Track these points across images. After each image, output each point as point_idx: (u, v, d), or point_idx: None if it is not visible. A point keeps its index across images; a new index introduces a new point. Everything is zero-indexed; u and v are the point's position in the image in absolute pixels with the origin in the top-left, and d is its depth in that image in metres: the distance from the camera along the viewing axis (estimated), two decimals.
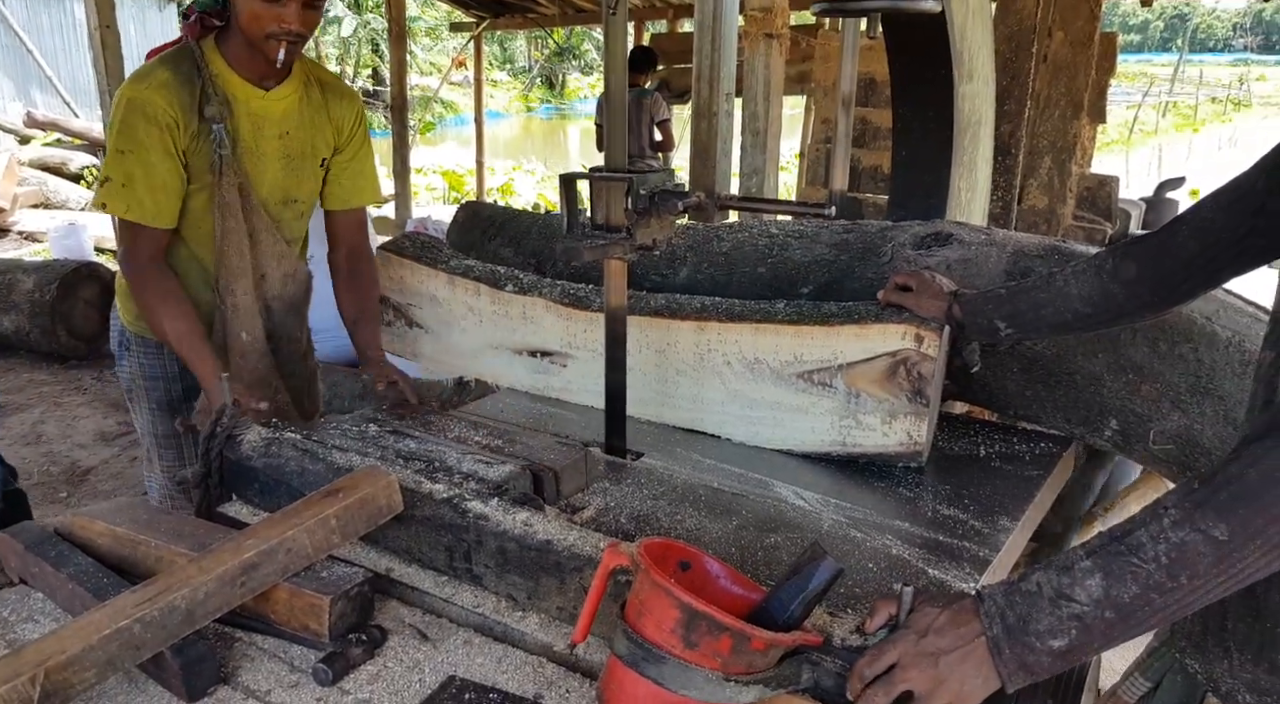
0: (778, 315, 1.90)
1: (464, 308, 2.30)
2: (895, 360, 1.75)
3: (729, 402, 1.97)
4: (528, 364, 2.24)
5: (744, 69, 4.03)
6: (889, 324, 1.76)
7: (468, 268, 2.31)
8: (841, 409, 1.83)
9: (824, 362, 1.83)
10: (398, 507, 1.39)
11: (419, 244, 2.44)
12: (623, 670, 1.02)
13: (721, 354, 1.95)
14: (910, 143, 2.75)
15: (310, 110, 2.17)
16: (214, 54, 2.03)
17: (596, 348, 2.05)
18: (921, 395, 1.74)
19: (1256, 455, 0.89)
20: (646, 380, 2.06)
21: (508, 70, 32.80)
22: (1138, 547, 0.91)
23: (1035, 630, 0.94)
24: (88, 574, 1.27)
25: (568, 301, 2.14)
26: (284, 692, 1.15)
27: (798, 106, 8.06)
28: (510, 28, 11.33)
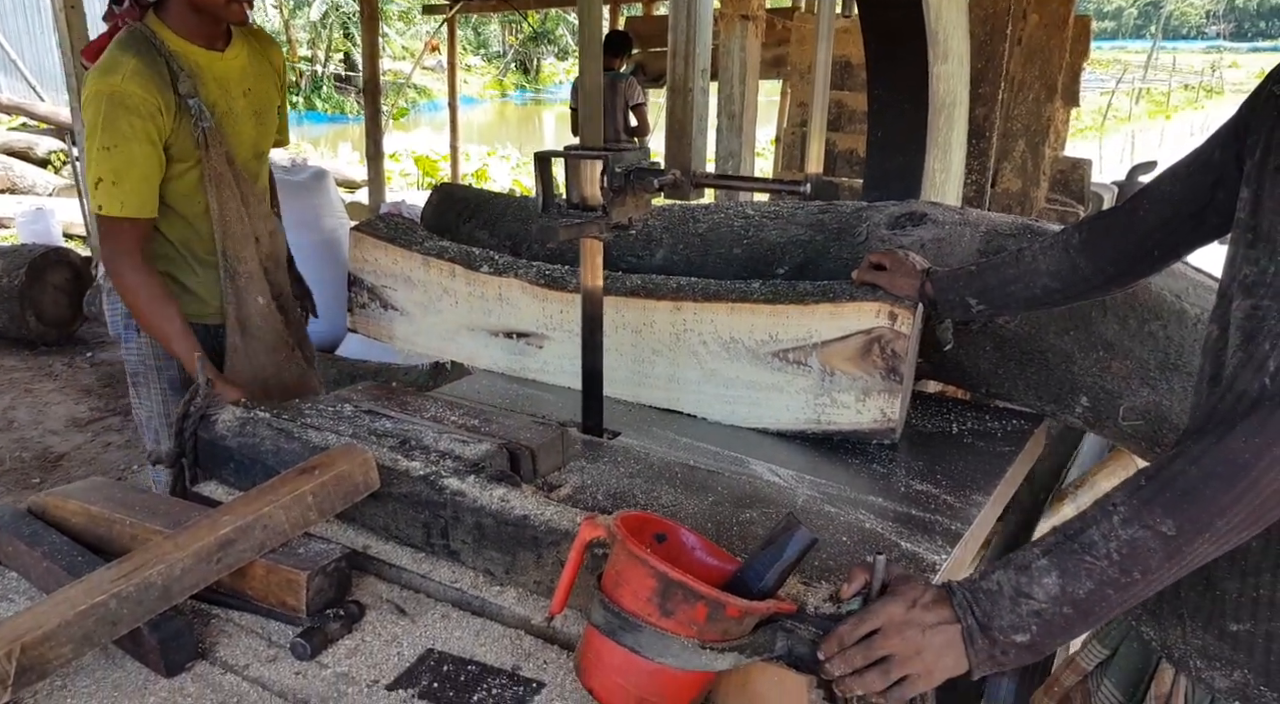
0: (753, 295, 1.91)
1: (439, 289, 2.29)
2: (869, 338, 1.77)
3: (705, 381, 1.98)
4: (504, 345, 2.23)
5: (720, 51, 4.03)
6: (863, 302, 1.77)
7: (443, 249, 2.31)
8: (817, 387, 1.85)
9: (799, 340, 1.84)
10: (374, 484, 1.39)
11: (393, 225, 2.42)
12: (600, 640, 1.03)
13: (698, 334, 1.96)
14: (885, 124, 2.76)
15: (257, 62, 2.20)
16: (163, 30, 2.01)
17: (573, 328, 2.06)
18: (895, 373, 1.76)
19: (1199, 451, 0.92)
20: (623, 360, 2.06)
21: (482, 55, 32.56)
22: (1090, 545, 0.94)
23: (999, 626, 0.97)
24: (62, 552, 1.27)
25: (543, 282, 2.14)
26: (262, 666, 1.15)
27: (775, 94, 8.06)
28: (484, 11, 11.26)
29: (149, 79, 1.94)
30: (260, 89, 2.20)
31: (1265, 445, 0.89)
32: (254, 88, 2.17)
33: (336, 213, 5.93)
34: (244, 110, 2.15)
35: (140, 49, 1.97)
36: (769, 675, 1.08)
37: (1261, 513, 0.92)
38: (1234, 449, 0.90)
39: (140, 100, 1.92)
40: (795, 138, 5.44)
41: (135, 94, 1.92)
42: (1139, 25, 72.22)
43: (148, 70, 1.94)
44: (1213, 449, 0.92)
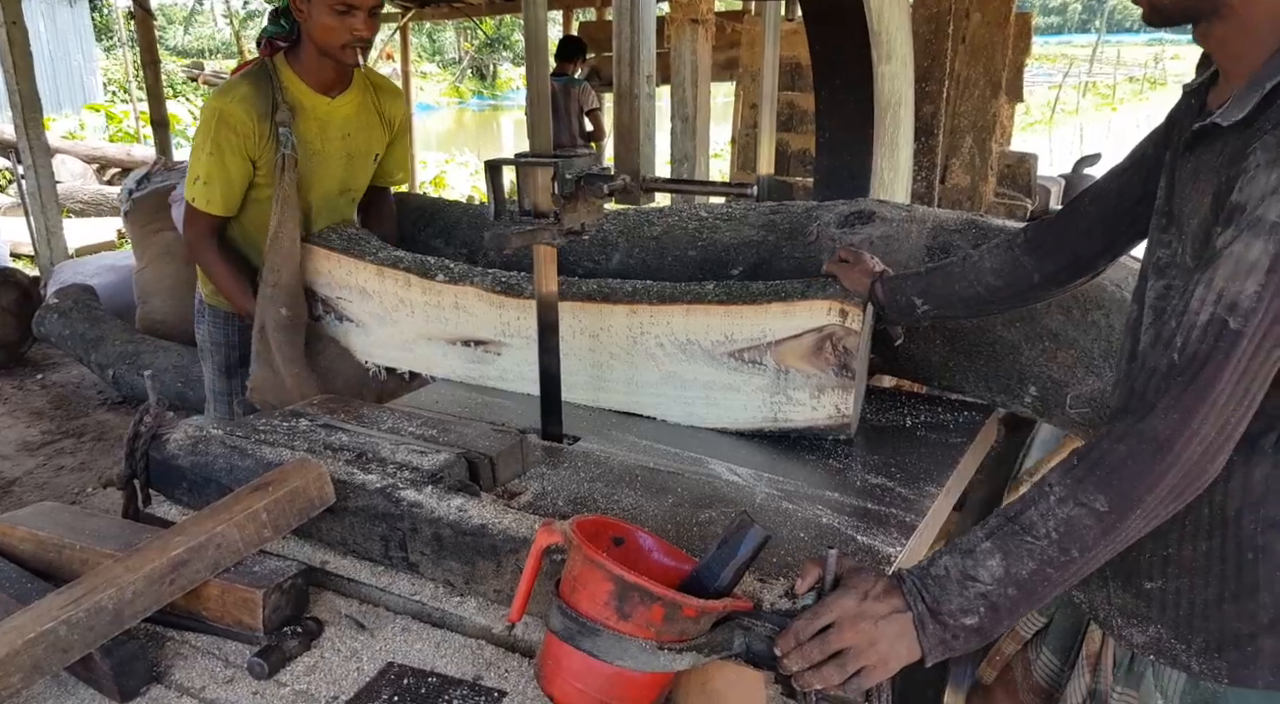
0: (708, 296, 1.92)
1: (395, 299, 2.28)
2: (821, 336, 1.79)
3: (663, 383, 1.99)
4: (462, 354, 2.23)
5: (671, 55, 4.05)
6: (815, 301, 1.80)
7: (397, 258, 2.29)
8: (772, 386, 1.86)
9: (754, 340, 1.86)
10: (330, 498, 1.38)
11: (346, 237, 2.40)
12: (559, 646, 1.04)
13: (654, 336, 1.97)
14: (833, 125, 2.79)
15: (367, 114, 2.47)
16: (285, 68, 2.35)
17: (531, 335, 2.05)
18: (847, 369, 1.78)
19: (1123, 429, 0.97)
20: (581, 365, 2.07)
21: (437, 62, 32.39)
22: (1030, 526, 0.98)
23: (948, 610, 1.00)
24: (10, 580, 1.24)
25: (500, 289, 2.13)
26: (219, 687, 1.14)
27: (731, 95, 8.11)
28: (437, 18, 11.20)
29: (252, 104, 2.26)
30: (361, 137, 2.46)
31: (1181, 422, 0.94)
32: (354, 134, 2.44)
33: None
34: (337, 152, 2.42)
35: (255, 79, 2.31)
36: (728, 673, 1.09)
37: (1185, 486, 0.96)
38: (1154, 427, 0.95)
39: (239, 121, 2.25)
40: (749, 139, 5.47)
41: (237, 115, 2.25)
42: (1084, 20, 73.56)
43: (254, 97, 2.27)
44: (1135, 427, 0.96)
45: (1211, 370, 0.93)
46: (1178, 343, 0.95)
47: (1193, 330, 0.94)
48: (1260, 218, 0.91)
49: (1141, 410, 0.96)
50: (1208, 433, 0.94)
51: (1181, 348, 0.94)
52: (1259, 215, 0.91)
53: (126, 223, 5.20)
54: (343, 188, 2.50)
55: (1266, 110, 0.96)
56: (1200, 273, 0.96)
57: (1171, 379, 0.94)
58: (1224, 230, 0.95)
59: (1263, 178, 0.92)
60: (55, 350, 5.44)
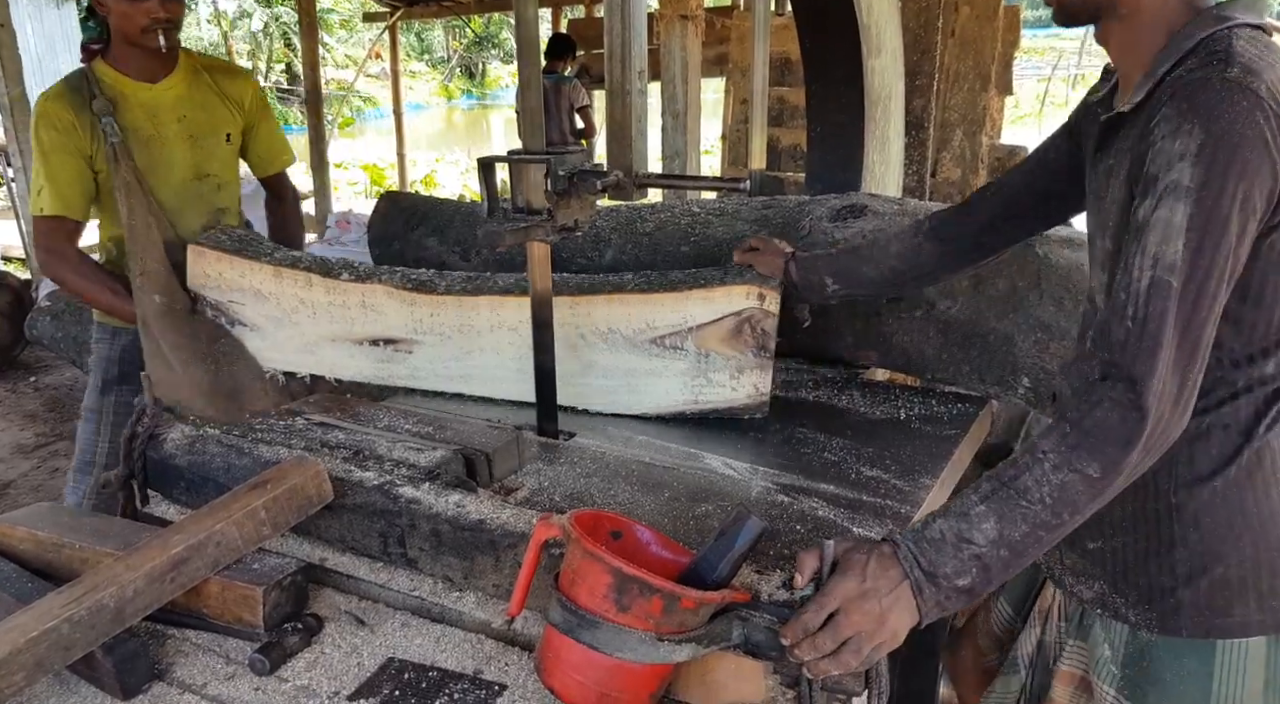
0: (628, 286, 1.96)
1: (295, 301, 2.19)
2: (740, 319, 1.85)
3: (585, 373, 2.01)
4: (370, 353, 2.17)
5: (661, 52, 4.06)
6: (733, 285, 1.86)
7: (296, 258, 2.22)
8: (693, 369, 1.91)
9: (675, 326, 1.90)
10: (328, 495, 1.39)
11: (238, 238, 2.31)
12: (559, 638, 1.05)
13: (576, 328, 1.99)
14: (824, 119, 2.80)
15: (202, 93, 2.46)
16: (102, 66, 2.37)
17: (443, 332, 2.08)
18: (765, 350, 1.85)
19: (1108, 396, 1.02)
20: (503, 360, 2.07)
21: (426, 61, 32.29)
22: (1025, 490, 1.03)
23: (944, 573, 1.03)
24: (10, 580, 1.25)
25: (410, 287, 2.10)
26: (221, 684, 1.15)
27: (721, 91, 8.12)
28: (425, 17, 11.19)
29: (67, 100, 2.28)
30: (199, 116, 2.45)
31: (1149, 381, 1.00)
32: (190, 115, 2.43)
33: None
34: (175, 135, 2.40)
35: (70, 79, 2.33)
36: (727, 664, 1.10)
37: (1161, 441, 1.03)
38: (1131, 391, 1.01)
39: (56, 116, 2.27)
40: (740, 135, 5.48)
41: (53, 111, 2.27)
42: None
43: (69, 94, 2.29)
44: (1116, 395, 1.02)
45: (1162, 327, 1.00)
46: (1129, 311, 1.02)
47: (1139, 296, 1.02)
48: (1176, 183, 1.00)
49: (1116, 377, 1.02)
50: (1172, 387, 1.01)
51: (1133, 315, 1.02)
52: (1174, 181, 1.00)
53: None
54: (198, 173, 2.46)
55: (1157, 92, 1.08)
56: (1134, 243, 1.04)
57: (1131, 344, 1.02)
58: (1143, 201, 1.04)
59: (1168, 147, 1.01)
60: (48, 353, 5.42)
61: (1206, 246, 0.99)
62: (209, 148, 2.48)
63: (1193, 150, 0.99)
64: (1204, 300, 1.01)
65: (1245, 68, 1.01)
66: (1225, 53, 1.03)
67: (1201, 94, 1.01)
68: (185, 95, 2.42)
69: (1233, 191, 0.99)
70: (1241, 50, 1.03)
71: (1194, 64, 1.05)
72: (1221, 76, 1.01)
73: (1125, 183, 1.13)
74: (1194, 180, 0.99)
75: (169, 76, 2.40)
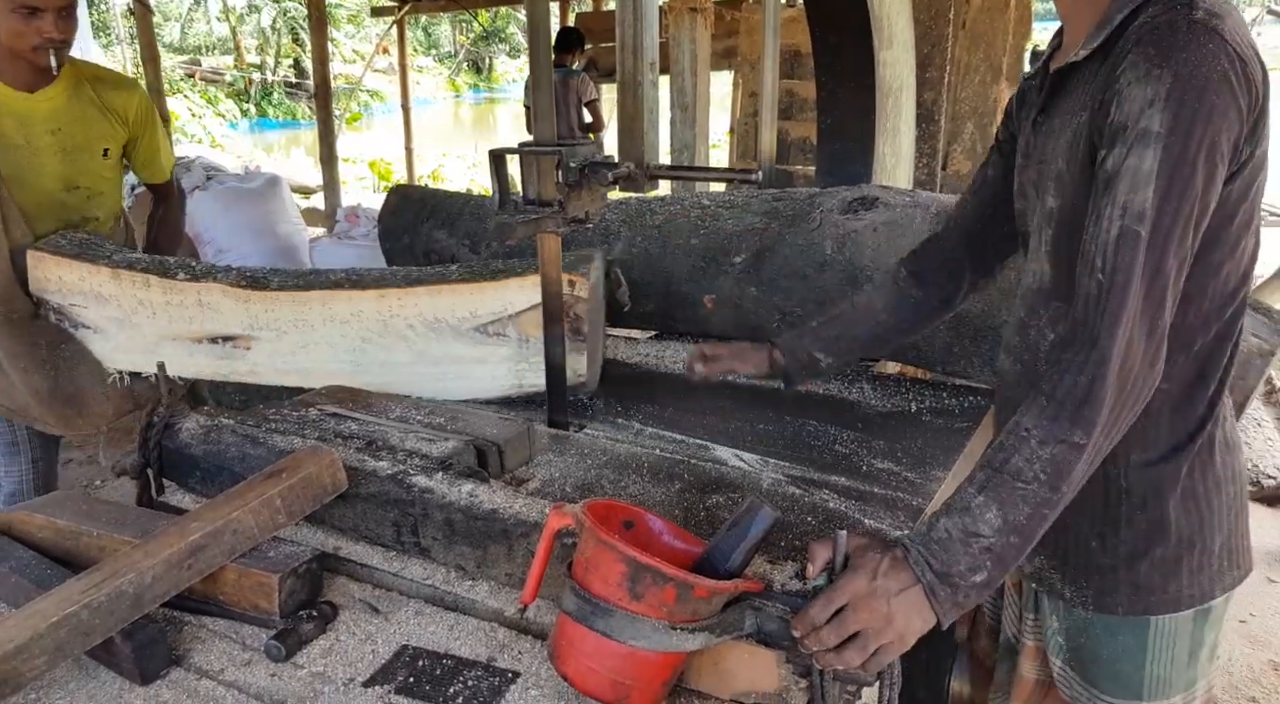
0: (451, 276, 2.02)
1: (134, 302, 2.23)
2: None
3: (416, 362, 2.06)
4: (209, 351, 2.21)
5: (670, 44, 4.05)
6: None
7: (134, 260, 2.26)
8: (516, 355, 1.99)
9: (496, 313, 1.98)
10: (342, 484, 1.40)
11: (77, 242, 2.33)
12: (572, 626, 1.05)
13: (404, 318, 2.04)
14: (834, 111, 2.80)
15: (81, 106, 2.41)
16: None
17: (279, 327, 2.13)
18: (580, 333, 1.93)
19: (1081, 359, 1.01)
20: (335, 352, 2.12)
21: (433, 56, 32.31)
22: (1018, 472, 1.02)
23: (959, 572, 1.02)
24: (30, 567, 1.26)
25: (245, 284, 2.14)
26: (237, 670, 1.16)
27: (729, 84, 8.10)
28: (433, 11, 11.19)
29: None
30: (76, 129, 2.41)
31: (1120, 333, 0.99)
32: (65, 128, 2.38)
33: (292, 219, 5.88)
34: (47, 146, 2.36)
35: None
36: (739, 653, 1.11)
37: (1137, 395, 1.03)
38: (1103, 348, 1.00)
39: None
40: (749, 128, 5.48)
41: None
42: None
43: None
44: (1089, 355, 1.01)
45: (1130, 279, 0.99)
46: (1099, 264, 1.01)
47: (1108, 246, 1.00)
48: (1145, 130, 0.98)
49: (1087, 336, 1.01)
50: (1140, 338, 1.00)
51: (1102, 267, 1.01)
52: (1144, 128, 0.98)
53: (129, 217, 5.20)
54: (67, 185, 2.42)
55: (1118, 40, 1.05)
56: (1105, 195, 1.02)
57: (1102, 298, 1.00)
58: (1112, 150, 1.01)
59: (1138, 93, 0.99)
60: None
61: (1173, 192, 0.98)
62: (82, 162, 2.44)
63: (1161, 95, 0.97)
64: (1171, 247, 0.99)
65: (1209, 10, 1.00)
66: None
67: (1169, 37, 0.99)
68: (62, 107, 2.38)
69: (1200, 136, 0.98)
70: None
71: (1157, 10, 1.03)
72: (1188, 19, 1.00)
73: (1081, 132, 1.10)
74: (1163, 125, 0.97)
75: (48, 88, 2.36)
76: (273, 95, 24.14)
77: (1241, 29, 1.02)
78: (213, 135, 18.85)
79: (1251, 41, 1.02)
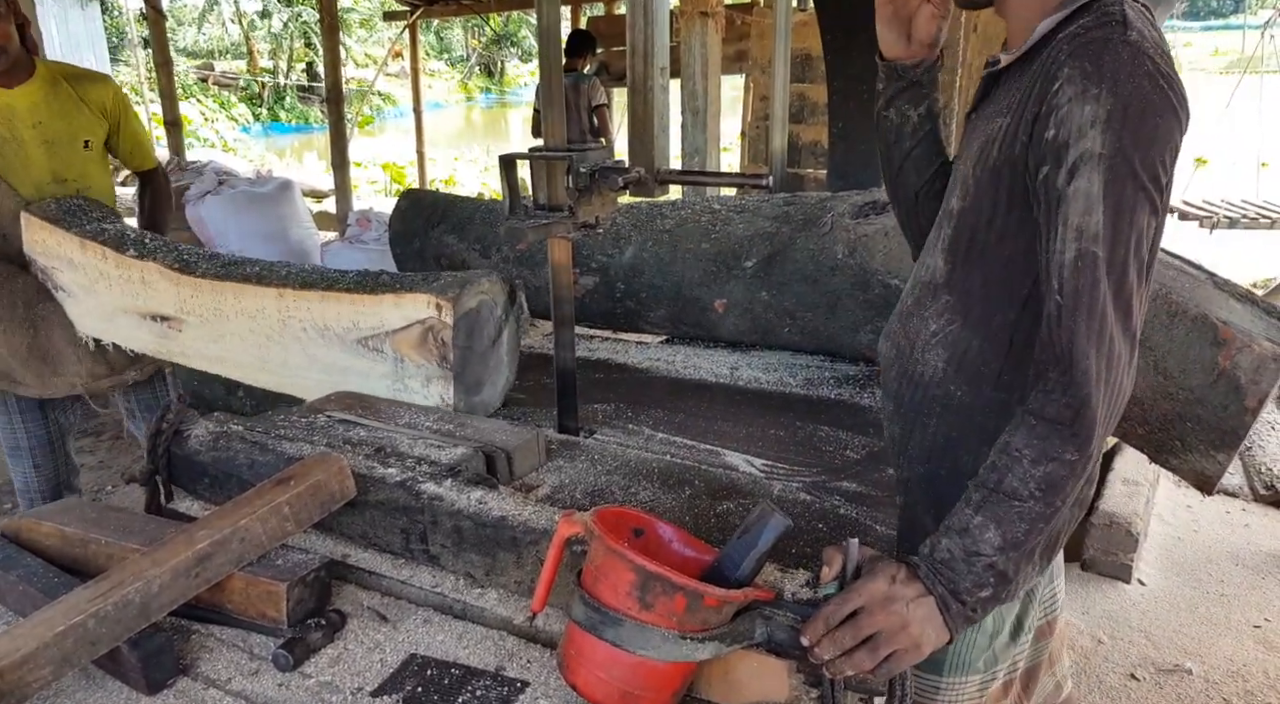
0: (339, 283, 1.99)
1: (96, 272, 2.31)
2: (425, 327, 1.87)
3: (310, 366, 2.04)
4: (150, 328, 2.27)
5: (681, 48, 4.04)
6: (418, 293, 1.87)
7: (100, 231, 2.32)
8: (393, 373, 1.94)
9: (374, 328, 1.93)
10: (351, 492, 1.39)
11: (65, 208, 2.43)
12: (581, 635, 1.04)
13: (299, 321, 2.02)
14: (846, 115, 2.78)
15: (60, 101, 2.53)
16: None
17: (202, 314, 2.14)
18: (446, 360, 1.85)
19: (1063, 381, 1.02)
20: (245, 346, 2.12)
21: (445, 60, 32.41)
22: (1013, 492, 1.03)
23: (965, 588, 1.04)
24: (37, 575, 1.26)
25: (177, 267, 2.16)
26: (245, 679, 1.15)
27: (740, 88, 8.10)
28: (445, 15, 11.21)
29: None
30: (57, 124, 2.52)
31: (1093, 352, 1.00)
32: (46, 122, 2.50)
33: (304, 223, 5.90)
34: (32, 139, 2.48)
35: None
36: (750, 662, 1.09)
37: (1119, 404, 1.04)
38: (1080, 368, 1.01)
39: None
40: (760, 132, 5.46)
41: None
42: None
43: None
44: (1069, 377, 1.01)
45: (1095, 297, 1.00)
46: (1056, 284, 1.02)
47: (1064, 269, 1.01)
48: (1089, 151, 0.99)
49: (1061, 358, 1.02)
50: (1123, 347, 1.01)
51: (1060, 289, 1.01)
52: (1087, 149, 0.99)
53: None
54: (56, 177, 2.54)
55: (1044, 49, 1.06)
56: (1055, 216, 1.02)
57: (1066, 319, 1.01)
58: (1056, 170, 1.02)
59: (1077, 111, 0.99)
60: None
61: (1125, 210, 0.99)
62: (66, 155, 2.55)
63: (1102, 117, 0.98)
64: (1130, 260, 1.00)
65: (1140, 32, 1.01)
66: (1121, 15, 1.02)
67: (1105, 55, 1.00)
68: (41, 102, 2.49)
69: (1144, 156, 0.99)
70: (1133, 16, 1.03)
71: (1090, 22, 1.03)
72: (1123, 38, 1.00)
73: (994, 138, 1.11)
74: (1107, 147, 0.98)
75: (25, 83, 2.47)
76: (285, 99, 24.26)
77: (1169, 54, 1.04)
78: (225, 139, 18.96)
79: (1174, 66, 1.04)
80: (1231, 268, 7.19)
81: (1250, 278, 7.09)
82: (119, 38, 21.92)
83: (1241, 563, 3.27)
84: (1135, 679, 2.67)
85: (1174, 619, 2.95)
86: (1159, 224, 1.04)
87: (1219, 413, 1.69)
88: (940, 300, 1.23)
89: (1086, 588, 3.07)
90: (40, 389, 2.50)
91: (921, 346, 1.24)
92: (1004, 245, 1.13)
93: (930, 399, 1.23)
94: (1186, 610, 3.00)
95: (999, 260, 1.14)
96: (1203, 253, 7.04)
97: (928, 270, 1.26)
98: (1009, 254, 1.13)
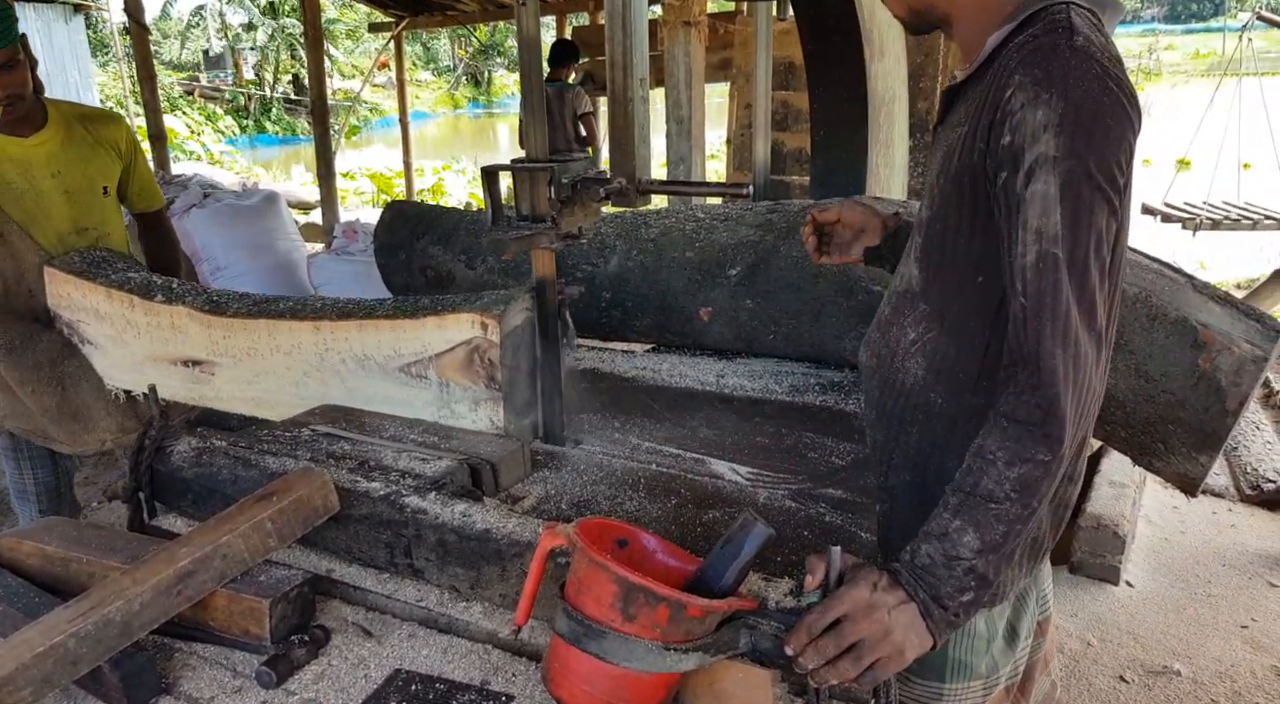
0: (378, 311, 1.94)
1: (123, 321, 2.26)
2: (470, 348, 1.82)
3: (349, 399, 1.98)
4: (182, 374, 2.22)
5: (664, 58, 4.05)
6: (461, 313, 1.82)
7: (125, 280, 2.27)
8: (438, 399, 1.89)
9: (418, 354, 1.89)
10: (334, 507, 1.39)
11: (89, 260, 2.37)
12: (565, 648, 1.04)
13: (337, 353, 1.98)
14: (828, 123, 2.80)
15: (76, 146, 2.44)
16: None
17: (235, 354, 2.10)
18: (494, 381, 1.81)
19: (1032, 382, 1.03)
20: (281, 384, 2.07)
21: (432, 70, 32.44)
22: (989, 494, 1.04)
23: (946, 593, 1.04)
24: (18, 595, 1.25)
25: (208, 308, 2.12)
26: (228, 697, 1.14)
27: (725, 96, 8.12)
28: (431, 26, 11.21)
29: None
30: (75, 171, 2.43)
31: (1060, 352, 1.01)
32: (65, 171, 2.41)
33: (289, 235, 5.87)
34: (52, 189, 2.39)
35: None
36: (735, 673, 1.09)
37: (1090, 401, 1.05)
38: (1047, 369, 1.02)
39: None
40: (745, 139, 5.48)
41: None
42: None
43: None
44: (1037, 378, 1.02)
45: (1058, 298, 1.01)
46: (1019, 287, 1.03)
47: (1026, 271, 1.02)
48: (1044, 155, 1.00)
49: (1028, 360, 1.03)
50: (1090, 346, 1.02)
51: (1024, 291, 1.03)
52: (1042, 152, 1.00)
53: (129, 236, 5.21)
54: (76, 226, 2.46)
55: (993, 64, 1.09)
56: (1014, 220, 1.04)
57: (1031, 321, 1.02)
58: (1013, 175, 1.03)
59: (1029, 117, 1.01)
60: None
61: (1083, 211, 1.00)
62: (86, 203, 2.47)
63: (1054, 121, 1.00)
64: (1090, 259, 1.01)
65: (1086, 37, 1.03)
66: (1067, 22, 1.04)
67: (1054, 61, 1.02)
68: (59, 151, 2.40)
69: (1099, 158, 1.00)
70: (1080, 22, 1.05)
71: (1037, 30, 1.06)
72: (1069, 44, 1.02)
73: (955, 148, 1.13)
74: (1060, 150, 0.99)
75: (40, 131, 2.38)
76: (272, 111, 24.24)
77: (1118, 58, 1.06)
78: (210, 151, 18.91)
79: (1124, 69, 1.06)
80: (1214, 269, 7.26)
81: (1233, 279, 7.14)
82: (104, 51, 21.87)
83: (1229, 564, 3.29)
84: (1124, 681, 2.68)
85: (1162, 621, 2.96)
86: (1120, 225, 1.06)
87: (1201, 415, 1.70)
88: (917, 309, 1.23)
89: (1075, 590, 3.08)
90: (72, 446, 2.44)
91: (901, 355, 1.25)
92: (971, 252, 1.15)
93: (912, 407, 1.24)
94: (1174, 612, 3.01)
95: (968, 267, 1.15)
96: (1186, 254, 7.09)
97: (904, 279, 1.28)
98: (977, 260, 1.14)
